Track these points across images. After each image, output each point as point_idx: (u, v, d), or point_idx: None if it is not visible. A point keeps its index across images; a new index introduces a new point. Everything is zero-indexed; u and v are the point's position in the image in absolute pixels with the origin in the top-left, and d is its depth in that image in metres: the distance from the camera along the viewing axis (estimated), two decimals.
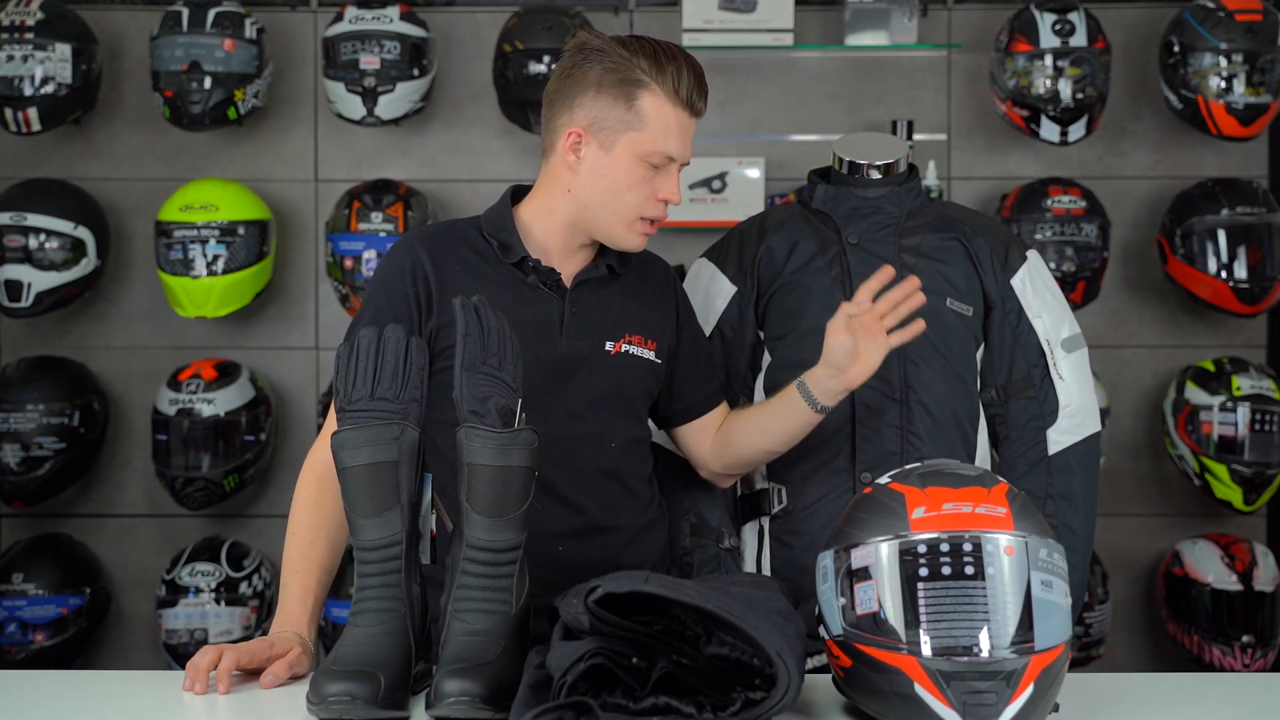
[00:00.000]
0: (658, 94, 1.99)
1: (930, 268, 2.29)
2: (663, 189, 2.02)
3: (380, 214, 3.73)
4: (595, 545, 2.04)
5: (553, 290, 2.06)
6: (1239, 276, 3.69)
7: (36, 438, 3.71)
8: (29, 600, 3.69)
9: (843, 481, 2.23)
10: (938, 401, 2.26)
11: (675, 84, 1.99)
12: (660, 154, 2.00)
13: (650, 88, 1.99)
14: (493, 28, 3.84)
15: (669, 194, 2.03)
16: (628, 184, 2.01)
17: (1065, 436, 2.31)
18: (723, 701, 1.52)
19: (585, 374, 2.05)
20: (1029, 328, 2.31)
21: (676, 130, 2.01)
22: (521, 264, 2.06)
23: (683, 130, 2.02)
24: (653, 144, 2.00)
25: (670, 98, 1.99)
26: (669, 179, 2.03)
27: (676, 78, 1.99)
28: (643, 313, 2.12)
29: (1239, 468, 3.67)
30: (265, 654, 1.80)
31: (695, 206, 3.80)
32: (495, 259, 2.06)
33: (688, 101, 2.01)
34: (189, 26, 3.68)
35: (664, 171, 2.02)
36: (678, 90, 1.99)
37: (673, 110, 2.00)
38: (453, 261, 2.06)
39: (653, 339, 2.12)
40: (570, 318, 2.06)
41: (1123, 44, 3.92)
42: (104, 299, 3.99)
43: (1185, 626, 3.76)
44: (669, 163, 2.02)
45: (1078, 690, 1.67)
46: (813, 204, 2.37)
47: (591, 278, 2.09)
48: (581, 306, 2.07)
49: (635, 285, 2.14)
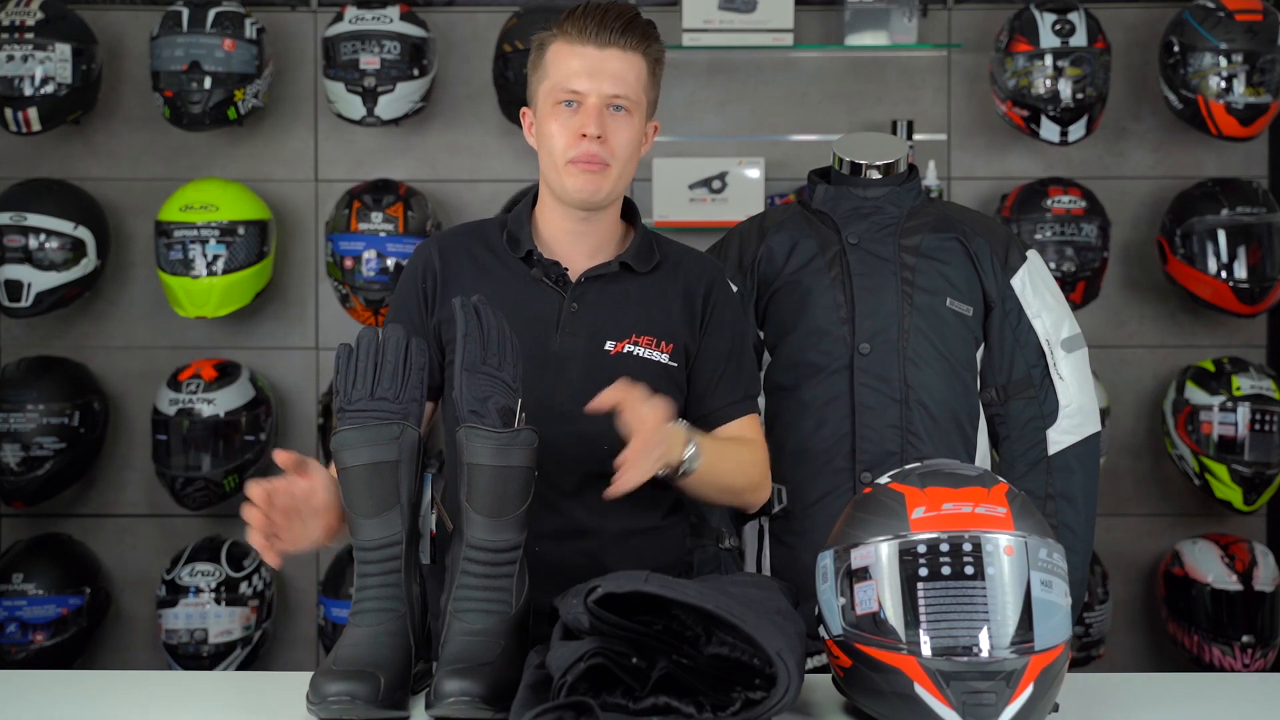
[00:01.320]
0: (557, 39, 2.02)
1: (930, 267, 2.29)
2: (580, 125, 1.99)
3: (380, 214, 3.73)
4: (574, 549, 1.99)
5: (556, 285, 2.04)
6: (1239, 276, 3.69)
7: (36, 438, 3.70)
8: (29, 600, 3.69)
9: (843, 481, 2.23)
10: (938, 401, 2.26)
11: (570, 26, 2.01)
12: (562, 89, 2.00)
13: (552, 37, 2.03)
14: (493, 28, 3.84)
15: (584, 127, 1.99)
16: (551, 130, 2.01)
17: (1065, 436, 2.31)
18: (723, 701, 1.52)
19: (578, 373, 2.01)
20: (1029, 328, 2.31)
21: (577, 65, 1.99)
22: (528, 258, 2.05)
23: (586, 64, 1.99)
24: (555, 85, 2.00)
25: (568, 39, 2.01)
26: (584, 114, 1.99)
27: (571, 20, 2.01)
28: (661, 314, 2.07)
29: (1239, 468, 3.67)
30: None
31: (695, 206, 3.80)
32: (506, 255, 2.06)
33: (584, 36, 2.00)
34: (189, 26, 3.68)
35: (581, 109, 2.00)
36: (571, 30, 2.00)
37: (572, 49, 2.00)
38: (463, 259, 2.07)
39: (668, 341, 2.06)
40: (568, 314, 2.03)
41: (1123, 44, 3.92)
42: (104, 299, 3.99)
43: (1185, 626, 3.76)
44: (581, 98, 2.00)
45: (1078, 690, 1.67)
46: (813, 204, 2.37)
47: (601, 274, 2.05)
48: (584, 303, 2.04)
49: (660, 284, 2.09)
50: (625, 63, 2.00)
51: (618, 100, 2.00)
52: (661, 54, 2.07)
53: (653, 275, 2.09)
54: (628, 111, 2.02)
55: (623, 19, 2.01)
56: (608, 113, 2.00)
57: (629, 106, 2.01)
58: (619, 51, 2.00)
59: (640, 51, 2.02)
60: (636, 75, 2.01)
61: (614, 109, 2.01)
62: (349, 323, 3.83)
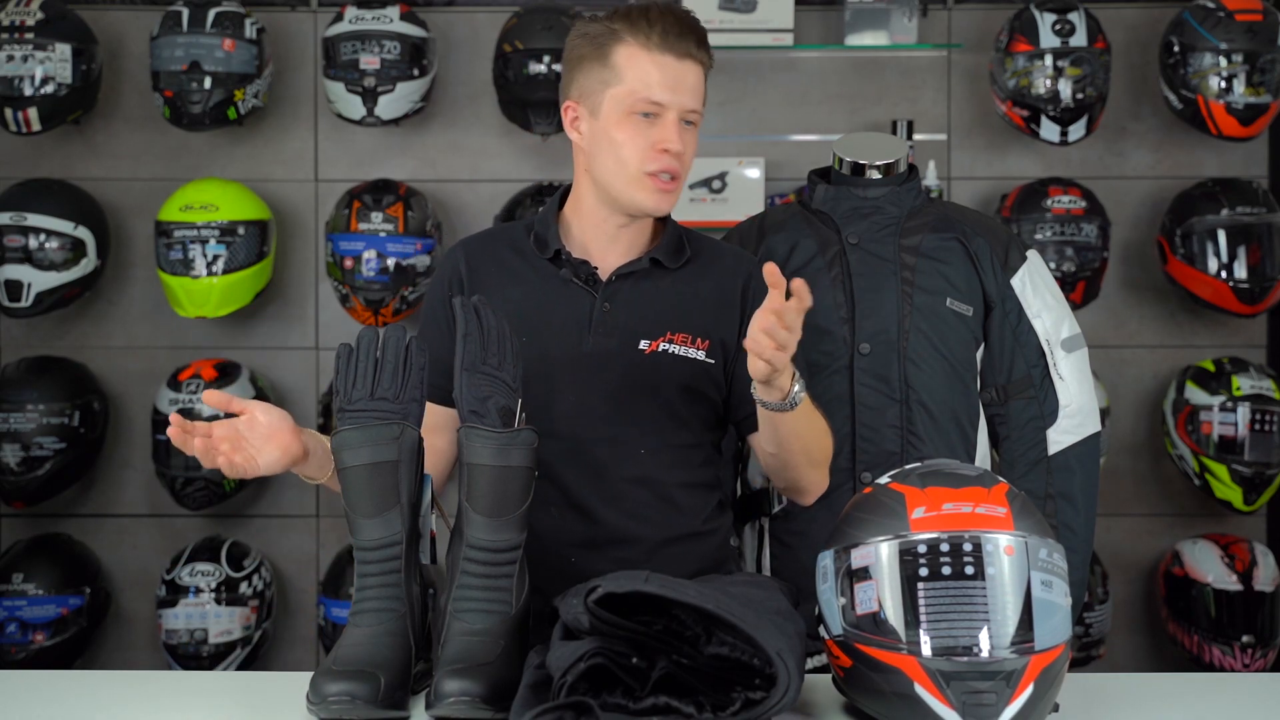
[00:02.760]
0: (630, 43, 1.95)
1: (930, 268, 2.29)
2: (661, 140, 1.95)
3: (380, 214, 3.73)
4: (610, 558, 1.92)
5: (587, 285, 2.02)
6: (1239, 276, 3.69)
7: (36, 438, 3.70)
8: (29, 600, 3.69)
9: (843, 481, 2.23)
10: (938, 401, 2.26)
11: (647, 31, 1.95)
12: (642, 100, 1.95)
13: (623, 39, 1.96)
14: (493, 28, 3.84)
15: (667, 142, 1.95)
16: (622, 139, 1.96)
17: (1065, 436, 2.31)
18: (723, 701, 1.52)
19: (612, 373, 1.98)
20: (1029, 328, 2.31)
21: (658, 77, 1.94)
22: (556, 258, 2.03)
23: (667, 76, 1.95)
24: (632, 93, 1.95)
25: (643, 44, 1.95)
26: (666, 128, 1.95)
27: (648, 25, 1.95)
28: (695, 309, 2.03)
29: (1239, 468, 3.67)
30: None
31: (695, 206, 3.80)
32: (534, 256, 2.04)
33: (665, 45, 1.95)
34: (189, 26, 3.68)
35: (659, 121, 1.96)
36: (649, 36, 1.95)
37: (648, 56, 1.95)
38: (489, 263, 2.05)
39: (704, 338, 2.02)
40: (600, 314, 2.00)
41: (1123, 44, 3.92)
42: (104, 299, 3.99)
43: (1185, 626, 3.76)
44: (661, 110, 1.96)
45: (1078, 690, 1.67)
46: (812, 204, 2.38)
47: (632, 272, 2.02)
48: (616, 302, 2.01)
49: (692, 279, 2.05)
50: (698, 76, 1.99)
51: (692, 114, 1.99)
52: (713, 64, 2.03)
53: (684, 271, 2.05)
54: (694, 125, 2.01)
55: (696, 30, 1.98)
56: (682, 126, 1.98)
57: (697, 120, 2.01)
58: (694, 65, 1.98)
59: (708, 65, 2.01)
60: (703, 88, 2.00)
61: (686, 122, 1.99)
62: (349, 323, 3.83)
